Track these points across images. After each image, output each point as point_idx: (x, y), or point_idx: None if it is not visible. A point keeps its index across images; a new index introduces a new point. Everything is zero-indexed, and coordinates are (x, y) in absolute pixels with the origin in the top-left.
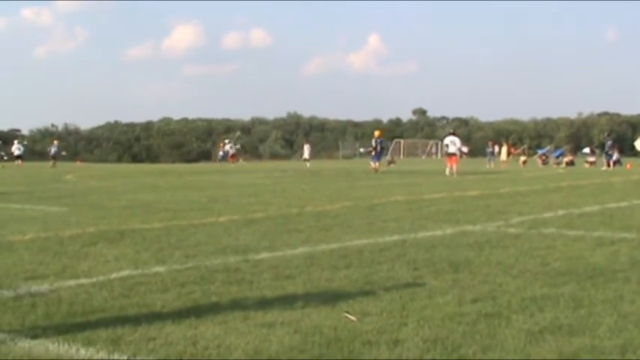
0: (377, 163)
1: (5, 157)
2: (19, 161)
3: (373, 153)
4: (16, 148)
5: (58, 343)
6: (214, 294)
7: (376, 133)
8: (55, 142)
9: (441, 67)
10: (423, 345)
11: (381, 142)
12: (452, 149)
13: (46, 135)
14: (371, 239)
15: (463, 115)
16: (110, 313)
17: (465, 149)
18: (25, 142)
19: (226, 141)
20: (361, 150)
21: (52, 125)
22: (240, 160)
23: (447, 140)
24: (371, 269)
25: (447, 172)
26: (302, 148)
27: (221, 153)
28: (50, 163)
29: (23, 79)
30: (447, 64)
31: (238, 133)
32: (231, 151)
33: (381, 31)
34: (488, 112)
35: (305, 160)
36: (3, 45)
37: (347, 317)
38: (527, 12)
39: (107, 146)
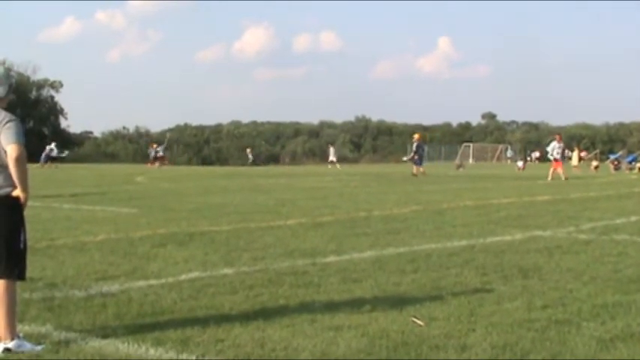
0: (419, 168)
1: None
2: (49, 163)
3: (416, 157)
4: (50, 150)
5: (128, 343)
6: (282, 297)
7: (415, 136)
8: (154, 145)
9: (511, 71)
10: (492, 351)
11: (420, 146)
12: (554, 154)
13: (117, 137)
14: (439, 244)
15: (533, 119)
16: (179, 314)
17: (557, 154)
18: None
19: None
20: (404, 159)
21: (124, 127)
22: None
23: (549, 146)
24: (439, 274)
25: (549, 177)
26: (327, 150)
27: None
28: (150, 164)
29: (96, 81)
30: (518, 67)
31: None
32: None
33: (451, 34)
34: (559, 116)
35: (331, 162)
36: (78, 48)
37: (414, 321)
38: (598, 14)
39: (177, 149)
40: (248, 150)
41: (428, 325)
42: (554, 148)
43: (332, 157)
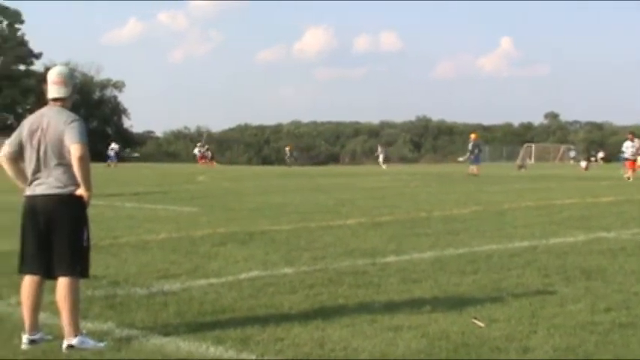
0: (475, 168)
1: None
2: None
3: (472, 157)
4: (116, 149)
5: (189, 341)
6: (341, 296)
7: (472, 136)
8: (201, 145)
9: (573, 70)
10: (554, 353)
11: (477, 146)
12: (627, 154)
13: (178, 137)
14: (500, 245)
15: (597, 119)
16: (239, 313)
17: (630, 153)
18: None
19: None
20: (460, 159)
21: (185, 127)
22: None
23: (624, 146)
24: (500, 275)
25: (625, 176)
26: (376, 151)
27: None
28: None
29: (158, 81)
30: (580, 66)
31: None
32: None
33: (512, 34)
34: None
35: (380, 163)
36: (140, 49)
37: (475, 323)
38: None
39: (238, 148)
40: (287, 148)
41: (488, 326)
42: (627, 147)
43: (380, 157)
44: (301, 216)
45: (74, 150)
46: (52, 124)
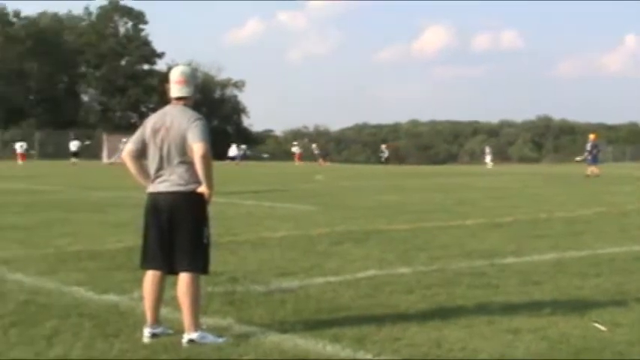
0: (593, 168)
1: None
2: (74, 159)
3: (590, 157)
4: (73, 145)
5: (306, 339)
6: (459, 297)
7: (591, 136)
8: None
9: None
10: None
11: (596, 146)
12: None
13: (297, 136)
14: (624, 247)
15: None
16: (356, 311)
17: None
18: (87, 142)
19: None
20: (577, 159)
21: (304, 126)
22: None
23: None
24: (623, 278)
25: None
26: (484, 152)
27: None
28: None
29: (277, 80)
30: None
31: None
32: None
33: (637, 31)
34: None
35: (486, 163)
36: (260, 48)
37: (596, 327)
38: None
39: (355, 147)
40: (383, 146)
41: (611, 330)
42: None
43: (487, 158)
44: (418, 215)
45: (197, 148)
46: (175, 123)
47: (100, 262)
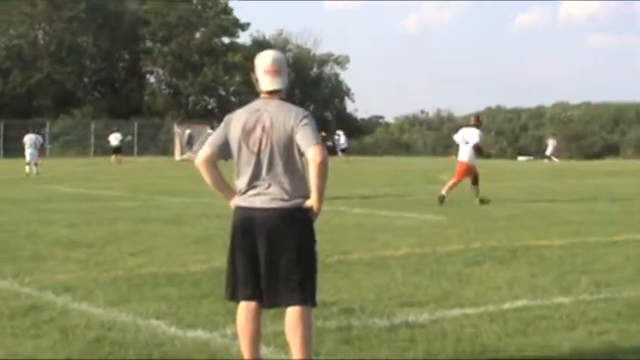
0: None
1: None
2: (115, 156)
3: None
4: (114, 138)
5: None
6: (635, 335)
7: None
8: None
9: None
10: None
11: None
12: None
13: (414, 123)
14: None
15: None
16: (505, 353)
17: None
18: (130, 137)
19: None
20: None
21: (422, 112)
22: None
23: None
24: None
25: None
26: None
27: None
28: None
29: (389, 56)
30: None
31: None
32: None
33: None
34: None
35: (547, 157)
36: (367, 14)
37: None
38: None
39: (487, 137)
40: (550, 140)
41: None
42: None
43: (548, 151)
44: (576, 227)
45: (313, 153)
46: (277, 122)
47: (181, 288)
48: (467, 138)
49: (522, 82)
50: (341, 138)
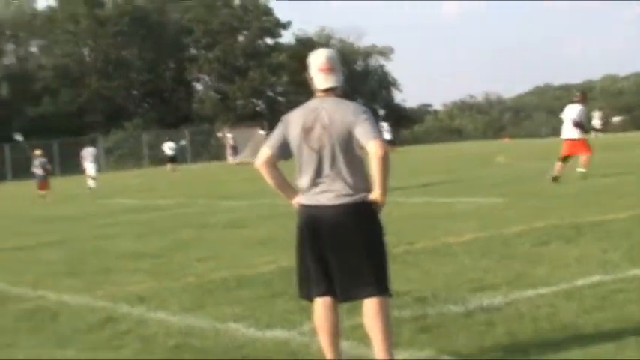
0: None
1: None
2: (170, 165)
3: None
4: (168, 148)
5: None
6: None
7: None
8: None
9: None
10: None
11: None
12: None
13: (463, 108)
14: None
15: None
16: (584, 329)
17: None
18: (183, 142)
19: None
20: None
21: (470, 96)
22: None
23: None
24: None
25: None
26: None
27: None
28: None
29: (432, 42)
30: None
31: None
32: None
33: None
34: None
35: (594, 129)
36: (407, 5)
37: None
38: None
39: (538, 117)
40: (596, 112)
41: None
42: None
43: (595, 123)
44: (638, 199)
45: (375, 147)
46: (336, 119)
47: (253, 289)
48: (568, 115)
49: (569, 56)
50: (385, 129)
